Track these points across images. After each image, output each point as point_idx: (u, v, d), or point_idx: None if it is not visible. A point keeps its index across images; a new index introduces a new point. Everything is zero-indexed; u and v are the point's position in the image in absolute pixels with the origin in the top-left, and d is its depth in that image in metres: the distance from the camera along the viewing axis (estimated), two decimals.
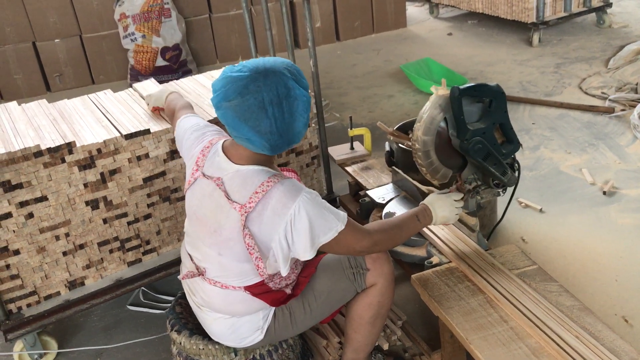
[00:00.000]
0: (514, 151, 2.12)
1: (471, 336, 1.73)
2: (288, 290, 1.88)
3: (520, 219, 2.95)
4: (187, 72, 5.11)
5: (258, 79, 1.64)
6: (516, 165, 2.19)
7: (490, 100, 2.05)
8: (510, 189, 2.25)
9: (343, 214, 1.74)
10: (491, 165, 2.08)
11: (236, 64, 1.71)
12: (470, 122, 2.05)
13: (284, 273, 1.76)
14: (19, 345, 2.34)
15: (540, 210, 3.00)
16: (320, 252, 1.96)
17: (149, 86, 2.71)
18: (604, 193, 3.07)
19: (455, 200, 1.99)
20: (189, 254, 1.91)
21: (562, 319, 1.74)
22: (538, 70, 4.65)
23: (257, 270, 1.75)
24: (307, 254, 1.71)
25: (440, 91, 2.06)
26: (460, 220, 2.22)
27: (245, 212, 1.68)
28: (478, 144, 2.03)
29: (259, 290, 1.81)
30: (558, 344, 1.66)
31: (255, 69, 1.65)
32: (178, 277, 1.94)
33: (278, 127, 1.66)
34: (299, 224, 1.67)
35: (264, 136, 1.66)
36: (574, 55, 4.87)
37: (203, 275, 1.84)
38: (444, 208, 1.95)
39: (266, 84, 1.63)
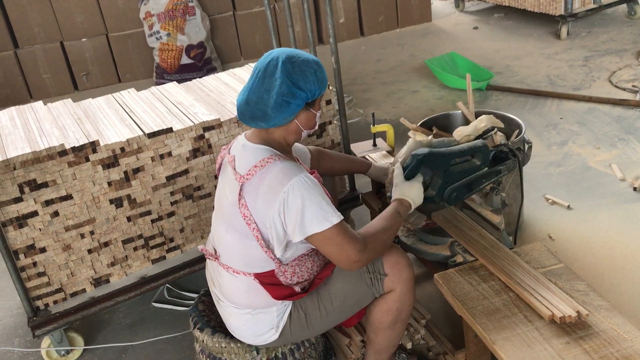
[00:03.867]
0: (486, 155, 1.97)
1: (495, 336, 1.70)
2: (297, 289, 1.87)
3: (548, 216, 2.89)
4: (212, 70, 5.13)
5: (277, 56, 1.77)
6: (507, 149, 2.03)
7: (429, 169, 1.93)
8: (530, 183, 2.20)
9: (339, 214, 1.74)
10: (481, 184, 1.99)
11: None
12: (429, 182, 1.94)
13: (278, 254, 1.78)
14: (46, 342, 2.38)
15: (568, 207, 2.93)
16: None
17: (171, 88, 2.73)
18: (635, 189, 2.99)
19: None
20: (210, 241, 1.99)
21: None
22: (566, 64, 4.56)
23: (257, 241, 1.76)
24: (295, 236, 1.72)
25: (418, 137, 2.02)
26: (484, 219, 2.19)
27: (242, 182, 1.75)
28: (453, 193, 1.93)
29: (267, 280, 1.82)
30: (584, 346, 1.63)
31: (275, 51, 1.80)
32: (199, 247, 2.00)
33: (249, 97, 1.77)
34: (292, 203, 1.69)
35: (240, 100, 1.80)
36: (603, 47, 4.76)
37: (218, 259, 1.90)
38: (416, 192, 1.87)
39: (270, 58, 1.76)
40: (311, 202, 1.69)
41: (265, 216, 1.73)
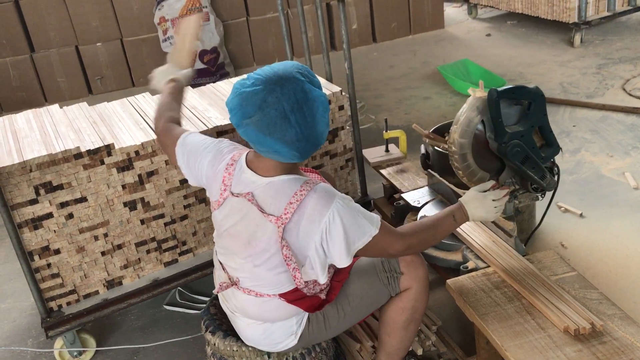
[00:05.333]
0: (553, 155, 2.08)
1: (507, 343, 1.70)
2: (322, 296, 1.86)
3: (560, 224, 2.88)
4: (225, 75, 5.16)
5: (275, 90, 1.60)
6: (555, 169, 2.15)
7: (529, 103, 2.01)
8: (549, 194, 2.21)
9: (377, 218, 1.72)
10: (529, 169, 2.04)
11: (245, 78, 1.68)
12: (508, 124, 2.01)
13: (323, 281, 1.74)
14: (59, 343, 2.40)
15: (581, 215, 2.92)
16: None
17: (185, 93, 2.74)
18: None
19: (494, 200, 1.92)
20: (222, 264, 1.89)
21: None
22: (579, 72, 4.55)
23: (294, 280, 1.74)
24: (343, 261, 1.69)
25: (478, 93, 2.03)
26: (497, 225, 2.19)
27: (282, 224, 1.66)
28: (516, 147, 1.99)
29: (293, 296, 1.80)
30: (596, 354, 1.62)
31: (269, 80, 1.61)
32: (213, 292, 1.91)
33: (304, 133, 1.63)
34: (334, 231, 1.66)
35: (292, 145, 1.63)
36: (617, 55, 4.74)
37: (237, 285, 1.83)
38: (480, 208, 1.89)
39: (284, 93, 1.60)
40: (350, 223, 1.67)
41: (307, 248, 1.69)
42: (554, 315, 1.74)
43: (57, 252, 2.28)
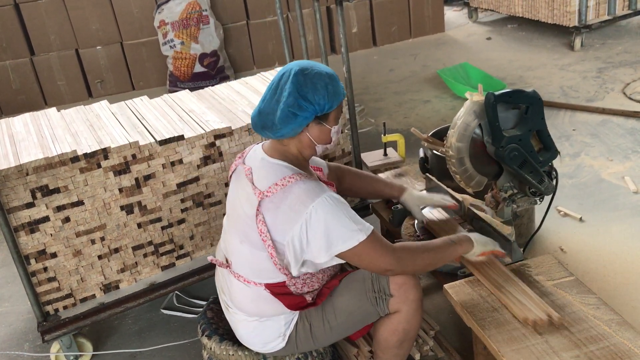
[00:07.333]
0: (551, 159, 2.07)
1: (504, 349, 1.69)
2: (309, 298, 1.87)
3: (559, 228, 2.87)
4: (225, 78, 5.16)
5: (291, 68, 1.77)
6: (554, 173, 2.14)
7: (527, 107, 2.00)
8: (547, 198, 2.20)
9: (369, 226, 1.72)
10: (527, 173, 2.03)
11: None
12: (506, 128, 2.00)
13: (295, 274, 1.77)
14: (55, 347, 2.39)
15: (580, 220, 2.91)
16: (346, 269, 1.95)
17: (184, 96, 2.75)
18: None
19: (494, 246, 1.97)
20: (222, 248, 1.98)
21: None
22: (580, 75, 4.54)
23: (271, 258, 1.76)
24: (321, 257, 1.71)
25: (475, 97, 2.03)
26: (495, 230, 2.17)
27: (261, 197, 1.73)
28: (514, 151, 1.98)
29: (279, 290, 1.82)
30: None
31: (304, 63, 1.80)
32: (208, 257, 2.00)
33: (262, 105, 1.79)
34: (315, 225, 1.68)
35: (255, 108, 1.83)
36: (617, 59, 4.73)
37: (230, 267, 1.89)
38: (484, 243, 1.93)
39: (285, 70, 1.78)
40: (335, 222, 1.67)
41: (283, 235, 1.71)
42: (515, 308, 1.75)
43: (54, 255, 2.27)
